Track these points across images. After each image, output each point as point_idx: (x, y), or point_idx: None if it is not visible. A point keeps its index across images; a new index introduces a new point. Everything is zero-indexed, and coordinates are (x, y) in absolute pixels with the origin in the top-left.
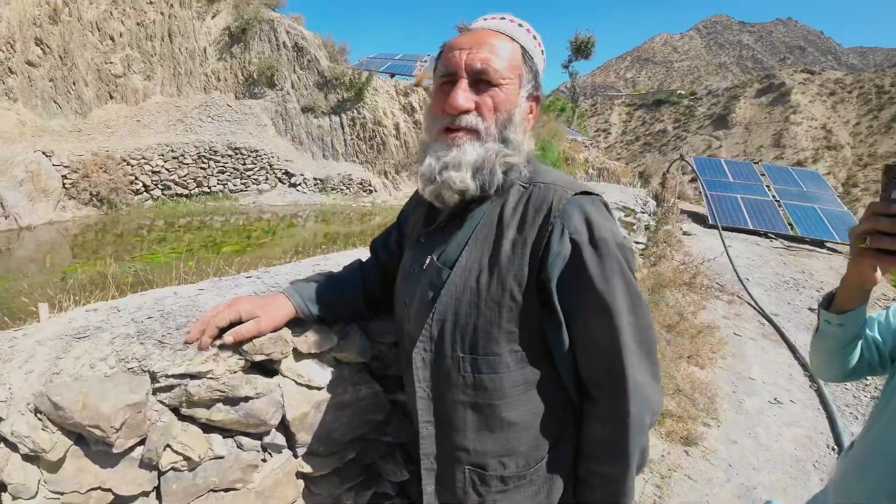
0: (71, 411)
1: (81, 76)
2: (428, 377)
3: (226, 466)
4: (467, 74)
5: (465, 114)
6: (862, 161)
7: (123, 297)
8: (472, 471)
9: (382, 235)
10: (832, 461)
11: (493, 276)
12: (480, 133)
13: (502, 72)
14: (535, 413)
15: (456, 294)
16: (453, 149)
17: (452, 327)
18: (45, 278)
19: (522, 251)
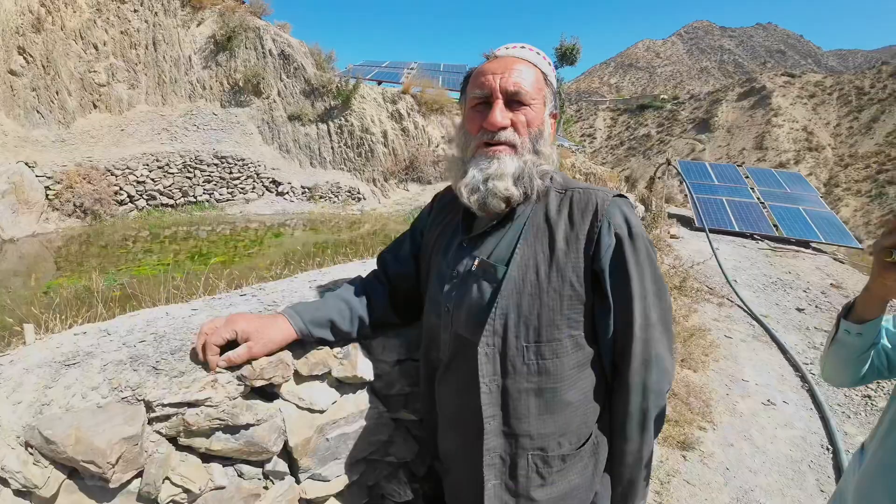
0: (63, 446)
1: (65, 85)
2: (492, 371)
3: (227, 497)
4: (502, 96)
5: (502, 130)
6: (843, 161)
7: (112, 319)
8: (534, 455)
9: (392, 247)
10: (827, 461)
11: (552, 268)
12: (517, 146)
13: (532, 93)
14: (585, 392)
15: (517, 288)
16: (494, 161)
17: (516, 319)
18: (29, 293)
19: (577, 245)
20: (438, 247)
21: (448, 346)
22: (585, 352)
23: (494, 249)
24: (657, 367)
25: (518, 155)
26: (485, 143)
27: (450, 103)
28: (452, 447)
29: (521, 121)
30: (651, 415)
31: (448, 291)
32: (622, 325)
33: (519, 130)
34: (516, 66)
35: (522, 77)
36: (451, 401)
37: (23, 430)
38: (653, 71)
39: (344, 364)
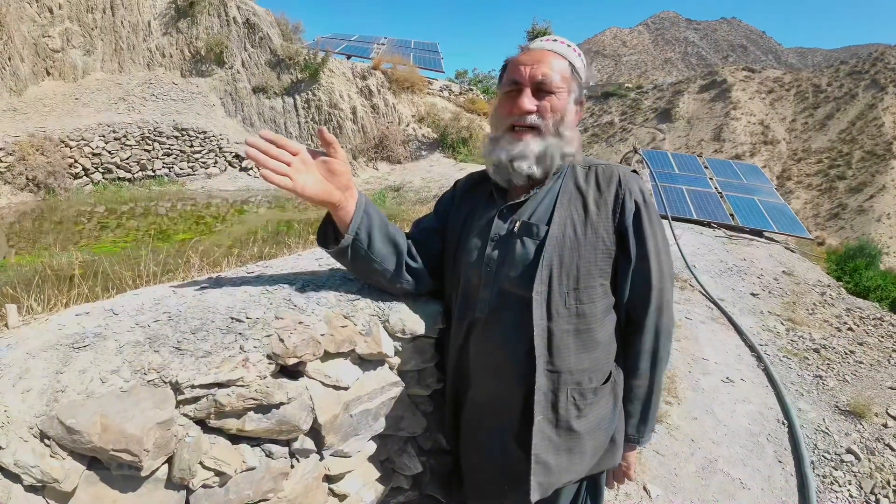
0: (89, 435)
1: (17, 51)
2: (540, 315)
3: (258, 477)
4: (530, 84)
5: (529, 114)
6: (796, 156)
7: (114, 298)
8: (573, 389)
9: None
10: (783, 434)
11: (587, 227)
12: (541, 129)
13: (557, 82)
14: (610, 334)
15: (558, 243)
16: (519, 143)
17: (559, 269)
18: None
19: (605, 208)
20: (472, 219)
21: (488, 303)
22: (610, 298)
23: (533, 213)
24: (667, 312)
25: (542, 137)
26: (512, 125)
27: (421, 81)
28: (486, 398)
29: (545, 107)
30: (662, 354)
31: (490, 252)
32: (641, 277)
33: (544, 115)
34: (546, 57)
35: (551, 68)
36: (493, 352)
37: (37, 421)
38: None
39: (368, 341)
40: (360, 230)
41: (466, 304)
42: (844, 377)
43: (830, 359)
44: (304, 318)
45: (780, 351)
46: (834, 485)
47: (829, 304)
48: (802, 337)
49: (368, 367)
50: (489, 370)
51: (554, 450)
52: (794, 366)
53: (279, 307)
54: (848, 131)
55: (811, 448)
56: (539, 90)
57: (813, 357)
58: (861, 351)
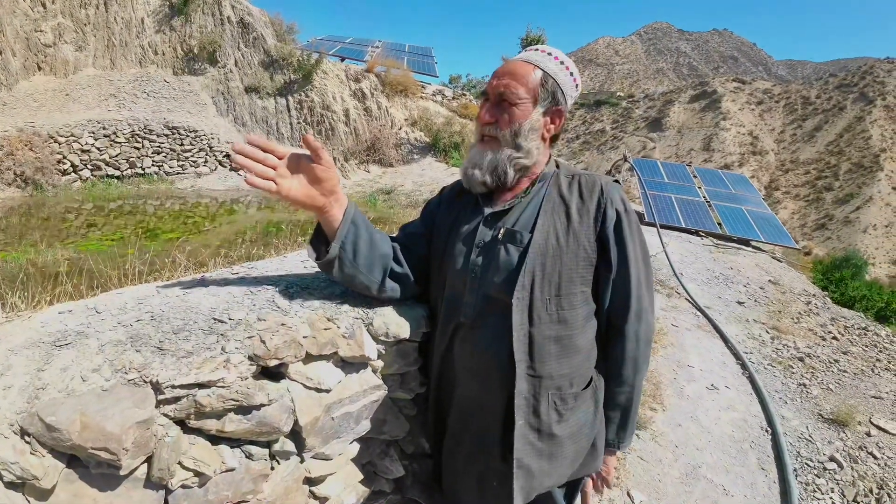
0: (68, 433)
1: (9, 45)
2: (520, 321)
3: (237, 479)
4: (492, 96)
5: (488, 125)
6: (784, 166)
7: (97, 296)
8: (553, 394)
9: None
10: (767, 441)
11: (569, 235)
12: (499, 140)
13: (519, 94)
14: (590, 340)
15: (541, 251)
16: (478, 154)
17: (541, 275)
18: None
19: (588, 217)
20: (458, 225)
21: (473, 308)
22: (591, 305)
23: (517, 220)
24: (646, 318)
25: (499, 149)
26: (480, 135)
27: (414, 85)
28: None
29: (503, 119)
30: (642, 360)
31: (475, 258)
32: (621, 284)
33: (501, 126)
34: (516, 69)
35: (515, 79)
36: (477, 357)
37: (17, 417)
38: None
39: (351, 344)
40: (346, 242)
41: (451, 309)
42: (828, 386)
43: (815, 367)
44: (287, 320)
45: (765, 359)
46: (816, 492)
47: (814, 314)
48: (787, 345)
49: (351, 370)
50: (473, 374)
51: (536, 454)
52: (779, 374)
53: (262, 309)
54: (836, 143)
55: (794, 455)
56: (500, 101)
57: (797, 365)
58: (845, 360)
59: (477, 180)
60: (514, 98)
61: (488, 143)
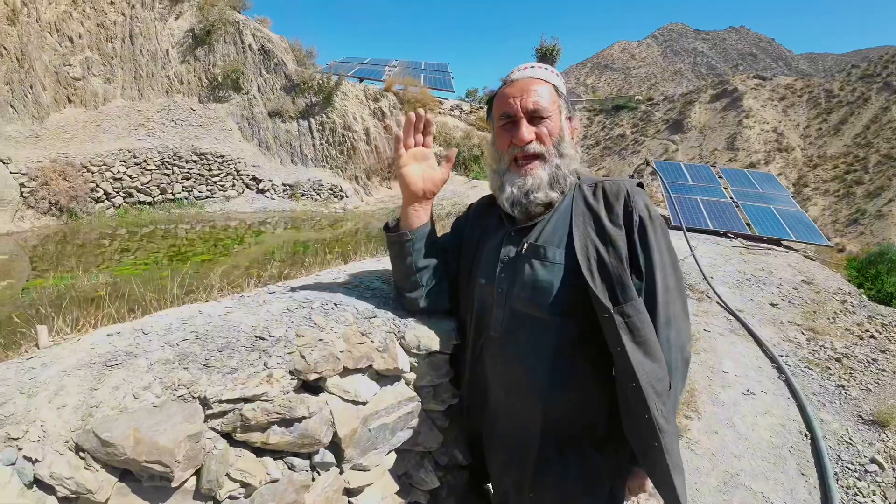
0: (122, 447)
1: (39, 79)
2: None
3: (281, 490)
4: (524, 115)
5: (529, 143)
6: (812, 162)
7: (142, 318)
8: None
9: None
10: (806, 447)
11: (607, 243)
12: (545, 155)
13: (548, 107)
14: None
15: (588, 265)
16: (528, 178)
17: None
18: (10, 293)
19: (618, 223)
20: (484, 242)
21: (501, 323)
22: None
23: (540, 235)
24: (675, 324)
25: (548, 163)
26: (514, 158)
27: (432, 102)
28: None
29: (543, 133)
30: (674, 367)
31: (499, 274)
32: (648, 291)
33: (543, 141)
34: (532, 86)
35: (539, 95)
36: (509, 370)
37: (71, 434)
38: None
39: (385, 357)
40: (417, 238)
41: (480, 324)
42: (867, 386)
43: (853, 368)
44: (324, 336)
45: (802, 361)
46: (858, 496)
47: (850, 312)
48: (824, 346)
49: (385, 383)
50: (504, 387)
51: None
52: (816, 376)
53: (300, 325)
54: (863, 135)
55: (834, 459)
56: (533, 118)
57: (835, 366)
58: (884, 359)
59: (540, 202)
60: (546, 112)
61: (531, 162)
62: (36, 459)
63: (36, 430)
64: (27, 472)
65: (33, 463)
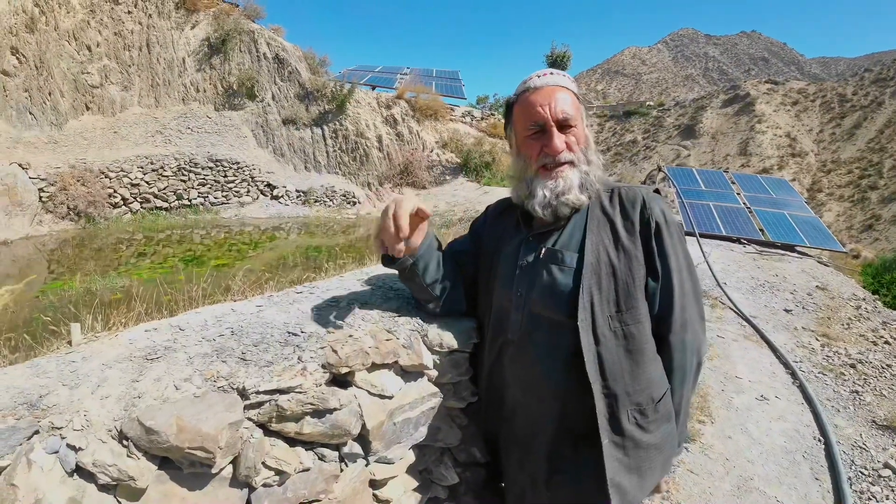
0: (166, 435)
1: (58, 86)
2: (590, 340)
3: (312, 478)
4: (556, 123)
5: (561, 153)
6: (826, 167)
7: (177, 316)
8: (633, 409)
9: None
10: (820, 452)
11: (620, 250)
12: (575, 162)
13: (574, 115)
14: (655, 351)
15: (594, 269)
16: (560, 180)
17: (599, 294)
18: (28, 295)
19: (633, 230)
20: (502, 245)
21: (520, 325)
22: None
23: (558, 240)
24: (692, 328)
25: (577, 168)
26: (543, 165)
27: (443, 109)
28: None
29: (572, 141)
30: (689, 370)
31: (519, 278)
32: (664, 296)
33: (573, 149)
34: (557, 94)
35: (566, 104)
36: (526, 372)
37: (115, 423)
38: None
39: (410, 353)
40: (419, 259)
41: (498, 327)
42: (881, 392)
43: (867, 373)
44: (353, 333)
45: (816, 367)
46: (871, 500)
47: (864, 318)
48: (838, 352)
49: (410, 379)
50: (522, 387)
51: (626, 471)
52: (830, 382)
53: (329, 323)
54: (877, 140)
55: (848, 464)
56: (562, 126)
57: (849, 372)
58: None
59: (571, 203)
60: (573, 120)
61: (562, 166)
62: (79, 448)
63: (79, 420)
64: (70, 459)
65: (76, 451)
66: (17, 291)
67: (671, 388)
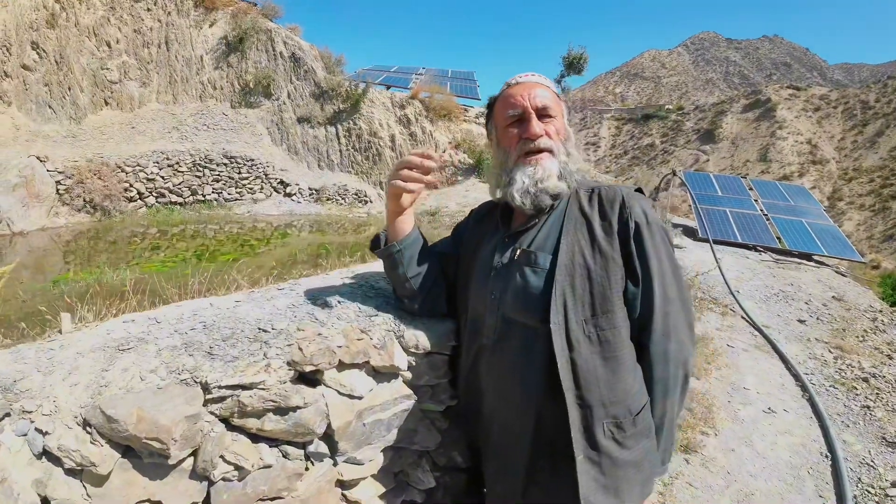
0: (125, 424)
1: (77, 81)
2: (563, 345)
3: (273, 475)
4: (534, 111)
5: (540, 137)
6: (847, 175)
7: (158, 309)
8: (609, 422)
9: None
10: (826, 468)
11: (596, 251)
12: (554, 150)
13: (554, 107)
14: (634, 360)
15: (568, 271)
16: (538, 167)
17: (573, 297)
18: (42, 285)
19: (611, 230)
20: (480, 247)
21: (494, 329)
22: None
23: (533, 241)
24: (675, 337)
25: (556, 157)
26: (524, 153)
27: (457, 109)
28: (497, 421)
29: (551, 130)
30: (672, 383)
31: (494, 279)
32: (644, 301)
33: (552, 137)
34: (536, 88)
35: (545, 97)
36: (501, 378)
37: (81, 410)
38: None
39: (382, 354)
40: (406, 248)
41: (474, 331)
42: (894, 407)
43: (880, 388)
44: (324, 331)
45: (827, 380)
46: None
47: (880, 331)
48: (851, 365)
49: (382, 380)
50: (497, 395)
51: (602, 491)
52: (841, 396)
53: (302, 320)
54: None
55: (854, 482)
56: (541, 116)
57: (861, 386)
58: None
59: (550, 191)
60: (552, 111)
61: (541, 153)
62: (47, 432)
63: (49, 405)
64: (37, 443)
65: (44, 435)
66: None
67: (651, 401)
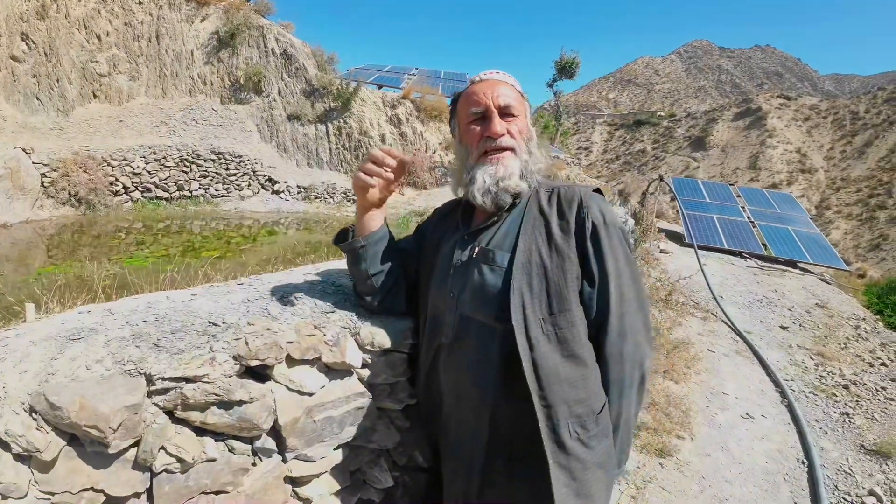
0: (68, 411)
1: (66, 74)
2: (525, 345)
3: (217, 469)
4: (497, 109)
5: (502, 136)
6: (835, 185)
7: (115, 301)
8: (574, 422)
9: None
10: (802, 475)
11: (552, 250)
12: (516, 149)
13: (517, 106)
14: (594, 358)
15: (525, 269)
16: (500, 166)
17: (530, 295)
18: (20, 278)
19: (568, 230)
20: (441, 245)
21: (452, 328)
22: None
23: (491, 239)
24: (632, 338)
25: (518, 156)
26: (485, 151)
27: (447, 110)
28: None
29: (513, 129)
30: (627, 383)
31: (453, 278)
32: (600, 301)
33: (514, 136)
34: (499, 86)
35: (509, 96)
36: (459, 378)
37: (28, 397)
38: (651, 88)
39: (334, 351)
40: (370, 244)
41: (434, 330)
42: (873, 415)
43: (860, 395)
44: (275, 326)
45: (807, 387)
46: None
47: (862, 338)
48: (832, 372)
49: (336, 377)
50: (455, 395)
51: (574, 497)
52: (821, 402)
53: (254, 315)
54: (887, 159)
55: (831, 489)
56: (504, 114)
57: (841, 393)
58: (893, 387)
59: (511, 190)
60: (515, 110)
61: (503, 152)
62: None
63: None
64: None
65: None
66: None
67: (608, 401)
